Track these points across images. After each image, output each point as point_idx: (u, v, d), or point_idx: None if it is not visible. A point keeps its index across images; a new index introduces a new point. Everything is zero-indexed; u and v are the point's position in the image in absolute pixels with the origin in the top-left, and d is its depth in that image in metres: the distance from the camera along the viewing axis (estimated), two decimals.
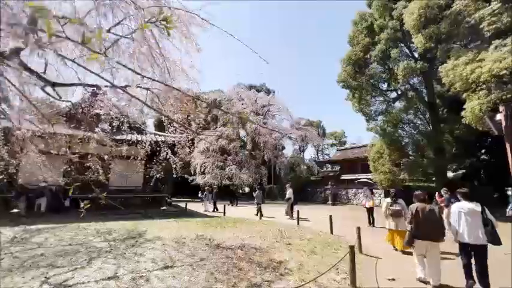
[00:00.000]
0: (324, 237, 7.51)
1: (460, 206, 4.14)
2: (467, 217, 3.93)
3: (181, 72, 7.14)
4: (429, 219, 4.17)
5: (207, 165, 24.47)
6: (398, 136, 18.48)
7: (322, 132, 54.88)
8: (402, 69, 14.66)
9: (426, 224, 4.16)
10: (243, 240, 6.80)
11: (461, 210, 4.06)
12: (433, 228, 4.13)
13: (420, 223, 4.20)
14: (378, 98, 20.02)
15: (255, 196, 13.58)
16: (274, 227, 9.13)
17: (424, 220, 4.19)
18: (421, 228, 4.19)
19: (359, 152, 27.09)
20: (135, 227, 8.41)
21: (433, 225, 4.14)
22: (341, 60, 18.43)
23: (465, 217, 3.95)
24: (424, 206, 4.33)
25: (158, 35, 6.68)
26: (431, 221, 4.16)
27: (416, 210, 4.28)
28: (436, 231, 4.12)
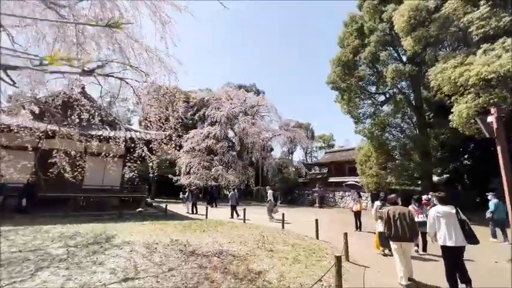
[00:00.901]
0: (309, 242, 7.08)
1: (437, 209, 4.21)
2: (444, 220, 4.03)
3: (157, 61, 6.63)
4: (402, 221, 4.38)
5: (193, 165, 23.68)
6: (386, 139, 18.47)
7: (311, 134, 55.03)
8: (391, 71, 14.57)
9: (399, 226, 4.36)
10: (221, 246, 6.25)
11: (438, 214, 4.14)
12: (405, 230, 4.31)
13: (394, 225, 4.41)
14: (367, 101, 19.97)
15: (229, 197, 13.08)
16: (258, 230, 8.63)
17: (397, 222, 4.40)
18: (395, 230, 4.39)
19: (347, 154, 27.09)
20: (105, 230, 7.69)
21: (405, 227, 4.32)
22: (331, 61, 18.25)
23: (442, 220, 4.05)
24: (396, 208, 4.56)
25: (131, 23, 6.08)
26: (404, 223, 4.36)
27: (391, 213, 4.51)
28: (409, 232, 4.30)
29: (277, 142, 31.30)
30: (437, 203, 4.44)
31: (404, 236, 4.31)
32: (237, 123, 27.29)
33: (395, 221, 4.40)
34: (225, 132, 26.56)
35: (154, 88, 7.31)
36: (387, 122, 18.81)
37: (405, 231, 4.30)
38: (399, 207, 4.61)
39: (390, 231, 4.44)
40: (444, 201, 4.23)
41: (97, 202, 12.13)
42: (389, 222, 4.48)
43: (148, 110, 7.51)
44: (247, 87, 39.86)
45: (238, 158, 27.61)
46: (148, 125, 8.26)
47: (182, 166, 24.05)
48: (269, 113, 31.71)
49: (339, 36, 18.85)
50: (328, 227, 9.87)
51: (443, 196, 4.32)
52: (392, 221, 4.44)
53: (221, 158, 24.92)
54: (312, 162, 44.90)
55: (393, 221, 4.43)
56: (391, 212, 4.53)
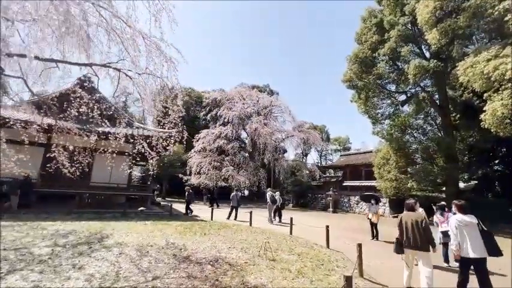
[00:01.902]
0: (318, 251, 6.34)
1: (457, 218, 3.96)
2: (466, 230, 3.83)
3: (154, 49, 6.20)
4: (417, 228, 4.14)
5: (203, 165, 23.39)
6: (406, 142, 17.22)
7: (326, 137, 53.68)
8: (413, 68, 13.46)
9: (413, 233, 4.13)
10: (219, 252, 5.68)
11: (459, 223, 3.90)
12: (420, 237, 4.08)
13: (408, 232, 4.19)
14: (386, 101, 18.81)
15: (230, 198, 12.54)
16: (263, 236, 7.98)
17: (411, 229, 4.17)
18: (408, 237, 4.16)
19: (363, 157, 25.79)
20: (102, 229, 7.36)
21: (420, 234, 4.09)
22: (347, 58, 17.30)
23: (465, 231, 3.84)
24: (412, 214, 4.34)
25: None
26: (418, 230, 4.12)
27: (405, 219, 4.30)
28: (424, 241, 4.06)
29: (290, 144, 30.43)
30: (456, 212, 4.21)
31: (420, 244, 4.05)
32: (248, 124, 26.75)
33: (407, 228, 4.21)
34: (236, 133, 26.10)
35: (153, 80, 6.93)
36: (408, 123, 17.55)
37: (417, 240, 4.07)
38: (413, 214, 4.38)
39: (405, 237, 4.22)
40: (464, 209, 4.00)
41: (102, 200, 11.99)
42: (401, 229, 4.31)
43: (148, 103, 7.11)
44: (260, 87, 39.38)
45: (250, 159, 27.06)
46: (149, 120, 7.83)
47: (193, 166, 23.82)
48: (282, 114, 30.97)
49: (356, 32, 17.88)
50: (340, 235, 9.05)
51: (463, 204, 4.09)
52: (404, 227, 4.26)
53: (232, 159, 24.47)
54: (326, 165, 43.52)
55: (405, 227, 4.25)
56: (404, 218, 4.35)
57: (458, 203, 4.18)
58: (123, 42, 5.86)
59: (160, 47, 6.06)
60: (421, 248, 4.05)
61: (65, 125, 7.88)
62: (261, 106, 29.46)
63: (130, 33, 5.64)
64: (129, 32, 5.62)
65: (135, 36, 5.77)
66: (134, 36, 5.77)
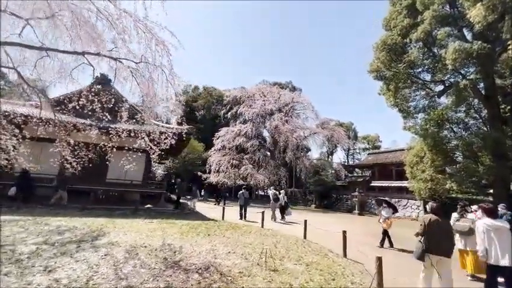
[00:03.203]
0: (332, 262, 5.41)
1: (486, 223, 3.66)
2: (496, 236, 3.53)
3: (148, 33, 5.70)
4: (443, 232, 3.89)
5: (222, 163, 23.09)
6: (444, 137, 15.23)
7: (354, 135, 51.04)
8: (452, 52, 11.70)
9: (439, 238, 3.84)
10: (215, 258, 5.02)
11: (488, 228, 3.62)
12: (446, 243, 3.83)
13: (433, 236, 3.86)
14: (419, 92, 16.87)
15: (238, 196, 11.86)
16: (273, 239, 7.20)
17: (437, 233, 3.86)
18: (434, 242, 3.84)
19: (394, 156, 23.73)
20: (104, 226, 7.10)
21: (446, 240, 3.85)
22: (374, 46, 15.75)
23: (494, 236, 3.54)
24: (437, 218, 4.00)
25: None
26: (445, 235, 3.88)
27: (430, 223, 3.95)
28: (446, 246, 3.82)
29: (314, 142, 29.10)
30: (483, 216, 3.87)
31: (445, 250, 3.79)
32: (269, 121, 25.96)
33: (438, 232, 3.87)
34: (256, 130, 25.45)
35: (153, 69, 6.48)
36: (446, 117, 15.51)
37: (448, 245, 3.82)
38: (436, 217, 3.99)
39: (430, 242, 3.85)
40: (492, 214, 3.73)
41: (115, 196, 12.02)
42: (429, 233, 3.91)
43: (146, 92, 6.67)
44: (282, 84, 38.31)
45: (271, 157, 26.26)
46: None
47: (212, 164, 23.64)
48: (305, 111, 29.75)
49: (385, 18, 16.25)
50: (363, 241, 7.96)
51: (492, 208, 3.82)
52: (434, 231, 3.88)
53: (251, 157, 23.88)
54: (353, 164, 41.21)
55: (436, 232, 3.87)
56: (433, 222, 3.95)
57: (487, 207, 3.88)
58: (114, 26, 5.47)
59: (151, 29, 5.56)
60: (447, 255, 3.77)
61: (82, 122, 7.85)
62: (282, 103, 28.51)
63: (117, 14, 5.20)
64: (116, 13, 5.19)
65: (125, 19, 5.32)
66: (125, 18, 5.32)
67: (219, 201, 18.72)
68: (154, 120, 16.09)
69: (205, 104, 35.27)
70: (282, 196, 12.14)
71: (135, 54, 6.05)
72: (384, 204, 8.01)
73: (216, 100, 35.13)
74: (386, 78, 15.84)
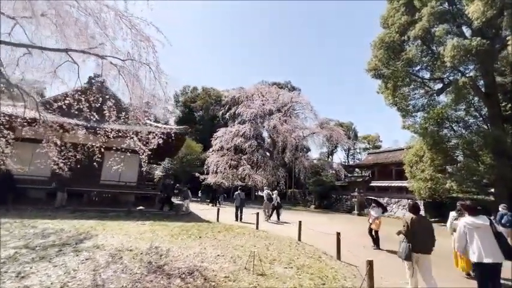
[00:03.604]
0: (325, 265, 5.20)
1: (467, 222, 3.68)
2: (478, 233, 3.54)
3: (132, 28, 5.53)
4: (425, 230, 4.03)
5: (220, 164, 22.90)
6: (444, 136, 14.99)
7: (354, 135, 50.79)
8: (451, 48, 11.50)
9: (422, 236, 3.97)
10: (202, 261, 4.83)
11: (469, 226, 3.63)
12: (428, 240, 3.98)
13: (417, 235, 3.98)
14: (418, 90, 16.66)
15: (234, 197, 11.78)
16: (266, 241, 7.00)
17: (419, 232, 3.99)
18: (418, 241, 3.94)
19: (393, 156, 23.53)
20: (93, 228, 6.92)
21: (428, 237, 3.99)
22: (371, 44, 15.57)
23: (476, 233, 3.55)
24: (418, 216, 4.18)
25: None
26: (427, 233, 4.02)
27: (413, 221, 4.07)
28: (430, 243, 3.98)
29: (313, 142, 28.86)
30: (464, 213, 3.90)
31: (427, 247, 3.92)
32: (266, 121, 25.76)
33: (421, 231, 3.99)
34: (255, 131, 25.23)
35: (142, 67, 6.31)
36: (445, 115, 15.26)
37: (430, 242, 3.96)
38: (416, 216, 4.16)
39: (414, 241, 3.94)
40: (473, 211, 3.72)
41: (109, 198, 11.86)
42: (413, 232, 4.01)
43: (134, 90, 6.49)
44: (281, 84, 38.14)
45: (269, 158, 26.06)
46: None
47: (210, 165, 23.45)
48: (304, 111, 29.51)
49: (382, 16, 16.07)
50: (360, 242, 7.73)
51: (472, 205, 3.83)
52: (417, 230, 4.00)
53: (250, 157, 23.68)
54: (352, 164, 40.96)
55: (419, 230, 4.00)
56: (416, 221, 4.09)
57: (466, 204, 3.90)
58: (97, 22, 5.30)
59: (136, 25, 5.39)
60: (428, 252, 3.91)
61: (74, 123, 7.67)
62: (281, 103, 28.32)
63: (99, 9, 5.03)
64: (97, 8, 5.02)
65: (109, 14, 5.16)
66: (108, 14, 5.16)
67: (214, 202, 18.60)
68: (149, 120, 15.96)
69: (204, 104, 35.14)
70: (275, 196, 12.17)
71: (121, 51, 5.90)
72: (373, 204, 7.79)
73: (215, 101, 34.99)
74: (385, 76, 15.64)
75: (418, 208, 4.26)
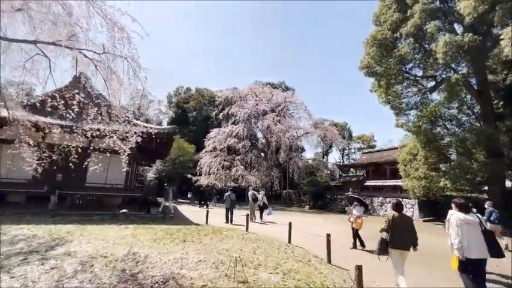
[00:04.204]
0: (314, 269, 4.89)
1: (459, 218, 3.74)
2: (468, 230, 3.64)
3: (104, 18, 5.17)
4: (406, 228, 4.17)
5: (213, 165, 22.51)
6: (437, 134, 14.87)
7: (349, 134, 50.85)
8: (443, 45, 11.38)
9: (402, 233, 4.12)
10: (181, 268, 4.48)
11: (461, 222, 3.70)
12: (408, 238, 4.12)
13: (397, 232, 4.13)
14: (411, 88, 16.56)
15: (224, 199, 11.57)
16: (254, 244, 6.66)
17: (400, 229, 4.14)
18: (397, 237, 4.10)
19: (388, 155, 23.40)
20: (70, 233, 6.50)
21: (408, 235, 4.13)
22: (364, 42, 15.41)
23: (465, 230, 3.64)
24: (400, 214, 4.30)
25: None
26: (407, 230, 4.16)
27: (394, 219, 4.23)
28: (410, 241, 4.11)
29: (308, 142, 28.66)
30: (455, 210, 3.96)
31: (407, 244, 4.10)
32: (260, 121, 25.46)
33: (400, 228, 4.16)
34: (248, 131, 24.89)
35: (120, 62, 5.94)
36: (439, 114, 15.17)
37: (410, 240, 4.12)
38: (398, 213, 4.32)
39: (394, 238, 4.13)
40: (464, 208, 3.86)
41: (95, 201, 11.39)
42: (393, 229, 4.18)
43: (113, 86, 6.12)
44: (275, 84, 37.89)
45: (264, 158, 25.76)
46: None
47: (203, 166, 23.03)
48: (298, 111, 29.29)
49: (374, 13, 15.96)
50: (351, 244, 7.44)
51: (464, 203, 3.96)
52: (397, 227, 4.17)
53: (243, 158, 23.33)
54: (347, 163, 40.92)
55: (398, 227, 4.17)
56: (396, 218, 4.26)
57: (458, 202, 3.99)
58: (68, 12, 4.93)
59: (110, 14, 5.03)
60: (408, 248, 4.08)
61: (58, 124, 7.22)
62: (275, 103, 28.07)
63: None
64: None
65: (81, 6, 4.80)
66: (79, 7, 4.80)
67: (202, 204, 18.32)
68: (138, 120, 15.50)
69: (197, 105, 34.70)
70: (261, 197, 12.40)
71: (96, 44, 5.53)
72: (355, 202, 7.49)
73: (208, 101, 34.58)
74: (377, 74, 15.49)
75: (401, 206, 4.40)
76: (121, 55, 5.55)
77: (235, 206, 11.14)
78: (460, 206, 3.90)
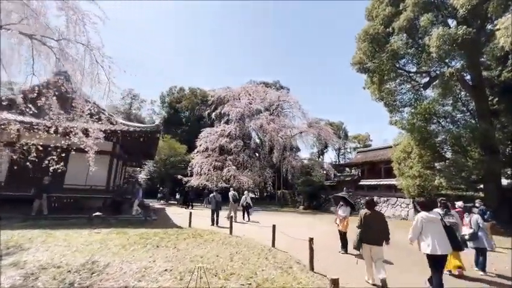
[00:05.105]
0: (293, 278, 4.39)
1: (422, 216, 3.99)
2: (431, 227, 3.89)
3: None
4: (378, 224, 4.40)
5: (204, 165, 21.94)
6: (432, 132, 14.46)
7: (344, 134, 50.59)
8: (436, 38, 10.99)
9: (373, 229, 4.36)
10: (140, 279, 3.95)
11: (424, 220, 3.95)
12: (379, 233, 4.34)
13: (368, 228, 4.38)
14: (404, 85, 16.21)
15: (208, 199, 11.21)
16: (234, 249, 6.15)
17: (371, 225, 4.39)
18: (369, 233, 4.36)
19: (383, 154, 23.01)
20: (32, 239, 5.93)
21: (380, 231, 4.35)
22: (356, 37, 15.00)
23: (429, 227, 3.89)
24: (372, 212, 4.54)
25: None
26: (379, 226, 4.39)
27: (366, 216, 4.49)
28: (381, 236, 4.35)
29: (302, 141, 28.21)
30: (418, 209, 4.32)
31: (378, 240, 4.31)
32: (253, 120, 24.95)
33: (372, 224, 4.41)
34: (241, 130, 24.39)
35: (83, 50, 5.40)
36: (433, 111, 14.76)
37: (381, 236, 4.34)
38: (370, 211, 4.56)
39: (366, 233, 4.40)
40: (427, 207, 4.13)
41: (72, 203, 10.79)
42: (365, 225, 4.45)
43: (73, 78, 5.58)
44: (269, 84, 37.41)
45: (257, 158, 25.26)
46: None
47: (194, 166, 22.46)
48: (292, 110, 28.84)
49: (367, 8, 15.59)
50: (338, 247, 6.95)
51: (425, 202, 4.28)
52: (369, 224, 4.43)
53: (235, 158, 22.78)
54: (341, 163, 40.59)
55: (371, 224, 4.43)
56: (368, 215, 4.50)
57: (420, 201, 4.36)
58: None
59: None
60: (378, 244, 4.31)
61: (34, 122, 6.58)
62: (269, 102, 27.61)
63: None
64: None
65: None
66: None
67: (187, 205, 17.92)
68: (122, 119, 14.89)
69: (189, 105, 34.09)
70: (245, 197, 12.63)
71: (52, 29, 4.99)
72: (341, 202, 7.00)
73: (201, 100, 34.00)
74: (370, 70, 15.08)
75: (372, 204, 4.65)
76: (80, 41, 5.02)
77: (221, 208, 10.60)
78: (423, 205, 4.22)
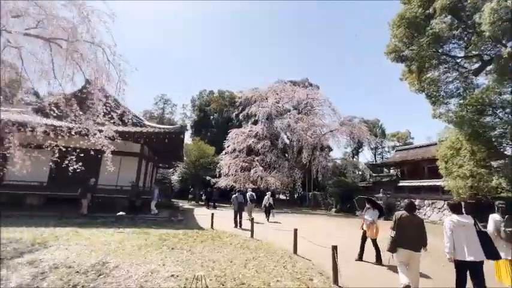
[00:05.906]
0: None
1: (452, 220, 3.71)
2: (462, 232, 3.58)
3: None
4: (415, 228, 3.98)
5: (231, 166, 21.89)
6: (486, 124, 12.45)
7: (381, 132, 47.33)
8: (490, 13, 9.36)
9: (410, 233, 3.95)
10: (143, 284, 3.69)
11: (454, 225, 3.66)
12: (416, 238, 3.93)
13: (404, 232, 3.97)
14: (450, 73, 14.21)
15: (231, 201, 10.80)
16: (250, 255, 5.68)
17: (408, 229, 3.97)
18: (404, 237, 3.95)
19: (426, 151, 20.78)
20: (58, 237, 6.15)
21: (417, 235, 3.94)
22: (390, 23, 13.59)
23: (460, 232, 3.59)
24: (409, 214, 4.10)
25: None
26: (416, 230, 3.97)
27: (401, 217, 4.09)
28: (418, 242, 3.92)
29: (335, 141, 26.71)
30: (450, 212, 3.89)
31: (415, 245, 3.88)
32: (280, 119, 24.29)
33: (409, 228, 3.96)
34: (268, 130, 23.91)
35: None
36: (487, 100, 12.68)
37: (418, 241, 3.89)
38: (407, 213, 4.08)
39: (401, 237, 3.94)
40: (457, 210, 3.79)
41: (103, 203, 11.27)
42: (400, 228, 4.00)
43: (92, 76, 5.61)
44: (297, 82, 36.39)
45: (285, 158, 24.54)
46: None
47: (223, 168, 22.54)
48: (322, 108, 27.56)
49: None
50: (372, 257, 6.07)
51: (456, 204, 3.92)
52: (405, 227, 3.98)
53: (263, 159, 22.36)
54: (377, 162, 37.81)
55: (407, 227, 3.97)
56: (405, 217, 4.05)
57: (451, 203, 4.01)
58: None
59: None
60: (416, 249, 3.87)
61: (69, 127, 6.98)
62: (297, 100, 26.77)
63: None
64: None
65: None
66: None
67: (209, 205, 18.01)
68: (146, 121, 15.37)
69: (218, 107, 34.64)
70: (267, 198, 12.96)
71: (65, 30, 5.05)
72: (368, 205, 6.10)
73: (229, 102, 34.35)
74: (407, 58, 13.54)
75: (413, 207, 4.21)
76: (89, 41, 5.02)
77: (243, 209, 10.23)
78: (453, 207, 3.85)
